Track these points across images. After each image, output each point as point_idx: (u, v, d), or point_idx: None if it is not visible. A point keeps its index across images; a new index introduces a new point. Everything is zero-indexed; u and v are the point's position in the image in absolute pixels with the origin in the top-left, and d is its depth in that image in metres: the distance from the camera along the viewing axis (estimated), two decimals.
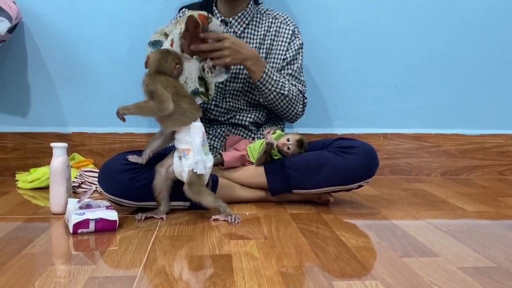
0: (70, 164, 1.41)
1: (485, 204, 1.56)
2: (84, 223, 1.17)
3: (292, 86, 1.58)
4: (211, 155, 1.31)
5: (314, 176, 1.42)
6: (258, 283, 0.89)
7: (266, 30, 1.64)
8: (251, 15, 1.63)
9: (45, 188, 1.64)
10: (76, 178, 1.66)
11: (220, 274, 0.93)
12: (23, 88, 1.88)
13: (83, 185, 1.66)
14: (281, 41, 1.64)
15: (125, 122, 1.28)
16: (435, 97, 2.03)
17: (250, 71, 1.50)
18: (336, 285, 0.88)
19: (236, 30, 1.62)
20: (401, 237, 1.18)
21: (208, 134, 1.62)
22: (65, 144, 1.37)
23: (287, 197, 1.51)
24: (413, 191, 1.74)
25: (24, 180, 1.71)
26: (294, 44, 1.64)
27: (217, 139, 1.63)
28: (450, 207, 1.51)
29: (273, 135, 1.48)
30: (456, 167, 2.06)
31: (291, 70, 1.62)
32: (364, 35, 1.96)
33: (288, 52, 1.63)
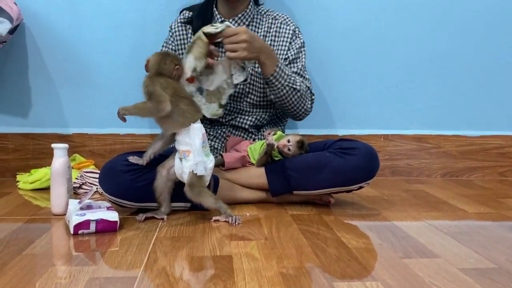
0: (71, 165, 1.41)
1: (486, 205, 1.55)
2: (85, 224, 1.17)
3: (304, 83, 1.57)
4: (212, 156, 1.31)
5: (315, 177, 1.42)
6: (259, 284, 0.89)
7: (266, 31, 1.64)
8: (251, 16, 1.64)
9: (46, 189, 1.64)
10: (77, 179, 1.66)
11: (221, 275, 0.93)
12: (24, 89, 1.89)
13: (84, 186, 1.66)
14: (282, 41, 1.63)
15: (126, 123, 1.28)
16: (436, 98, 2.03)
17: (264, 65, 1.46)
18: (337, 286, 0.88)
19: None
20: (402, 238, 1.18)
21: (209, 135, 1.62)
22: (66, 145, 1.37)
23: (288, 198, 1.51)
24: (414, 192, 1.74)
25: (25, 181, 1.71)
26: (296, 43, 1.64)
27: (218, 140, 1.63)
28: (451, 208, 1.51)
29: (274, 136, 1.48)
30: (457, 168, 2.06)
31: (296, 68, 1.61)
32: (365, 36, 1.96)
33: (290, 52, 1.63)
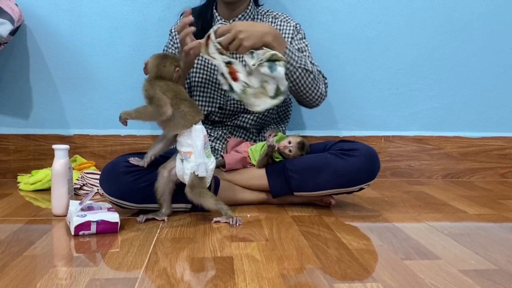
0: (72, 166, 1.41)
1: (487, 207, 1.55)
2: (86, 225, 1.17)
3: (312, 64, 1.53)
4: (213, 158, 1.32)
5: (316, 179, 1.42)
6: (259, 285, 0.89)
7: None
8: (251, 17, 1.63)
9: (47, 190, 1.64)
10: (78, 180, 1.67)
11: (221, 276, 0.93)
12: (25, 90, 1.89)
13: (85, 187, 1.66)
14: (287, 38, 1.61)
15: (129, 128, 1.28)
16: (437, 100, 2.03)
17: (272, 48, 1.38)
18: None
19: None
20: (403, 240, 1.18)
21: (210, 136, 1.62)
22: (67, 146, 1.37)
23: (289, 199, 1.51)
24: (415, 194, 1.74)
25: (26, 182, 1.71)
26: (298, 37, 1.62)
27: (219, 141, 1.63)
28: (452, 210, 1.51)
29: (275, 138, 1.48)
30: (458, 170, 2.05)
31: (304, 55, 1.57)
32: (366, 38, 1.97)
33: (293, 42, 1.60)
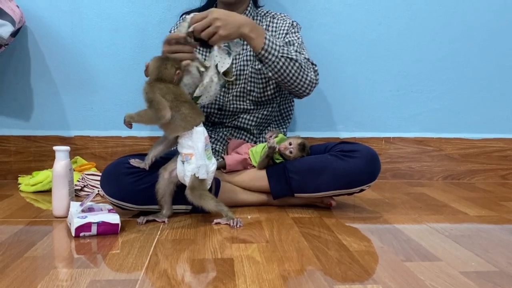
0: (73, 168, 1.41)
1: (487, 208, 1.55)
2: (86, 227, 1.17)
3: (297, 52, 1.48)
4: (214, 159, 1.32)
5: (316, 180, 1.42)
6: (260, 287, 0.89)
7: (265, 29, 1.63)
8: (251, 18, 1.63)
9: (48, 191, 1.65)
10: (79, 182, 1.67)
11: (222, 278, 0.93)
12: (26, 91, 1.89)
13: (86, 189, 1.66)
14: (279, 34, 1.61)
15: (130, 130, 1.28)
16: (437, 101, 2.03)
17: (250, 40, 1.36)
18: None
19: None
20: (403, 241, 1.18)
21: (210, 138, 1.62)
22: (68, 148, 1.37)
23: (289, 201, 1.51)
24: (415, 195, 1.73)
25: (27, 183, 1.71)
26: (291, 31, 1.61)
27: (219, 143, 1.63)
28: (452, 211, 1.51)
29: (275, 139, 1.49)
30: (458, 171, 2.05)
31: (293, 47, 1.56)
32: (367, 40, 1.97)
33: (286, 38, 1.59)
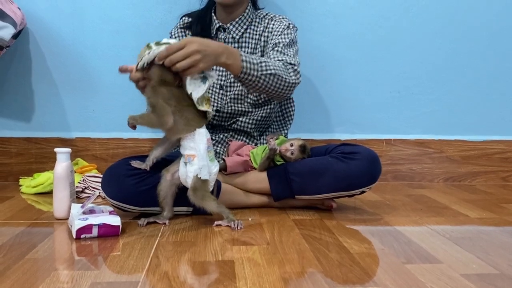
0: (74, 169, 1.42)
1: (488, 211, 1.55)
2: (87, 228, 1.17)
3: (275, 62, 1.42)
4: (216, 162, 1.32)
5: (317, 182, 1.43)
6: None
7: (262, 31, 1.63)
8: (249, 20, 1.64)
9: (49, 193, 1.65)
10: (80, 183, 1.67)
11: (223, 280, 0.93)
12: (27, 93, 1.89)
13: (87, 190, 1.67)
14: (274, 35, 1.60)
15: (131, 131, 1.28)
16: (438, 103, 2.03)
17: (228, 66, 1.29)
18: None
19: (234, 36, 1.62)
20: (404, 243, 1.18)
21: (211, 140, 1.62)
22: (69, 150, 1.37)
23: (290, 203, 1.51)
24: (416, 197, 1.73)
25: (28, 185, 1.71)
26: (284, 32, 1.59)
27: (220, 145, 1.63)
28: (453, 213, 1.51)
29: (276, 141, 1.49)
30: (459, 173, 2.05)
31: (278, 47, 1.54)
32: (367, 42, 1.97)
33: (277, 38, 1.57)
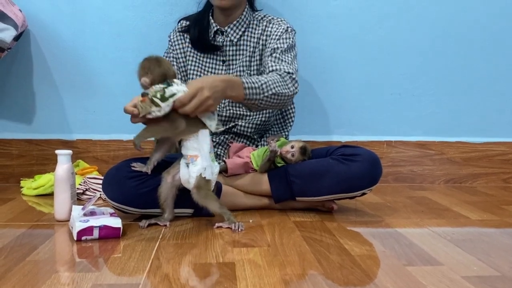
0: (75, 171, 1.42)
1: (489, 212, 1.55)
2: (88, 230, 1.17)
3: (274, 76, 1.44)
4: (217, 163, 1.32)
5: (318, 184, 1.42)
6: None
7: (260, 34, 1.62)
8: (247, 22, 1.63)
9: (50, 195, 1.65)
10: (81, 185, 1.67)
11: (224, 282, 0.93)
12: (28, 95, 1.90)
13: (88, 192, 1.67)
14: (272, 39, 1.60)
15: (130, 129, 1.28)
16: (439, 105, 2.03)
17: (233, 97, 1.35)
18: None
19: (232, 39, 1.62)
20: (405, 246, 1.18)
21: (212, 142, 1.62)
22: (70, 151, 1.37)
23: (291, 205, 1.51)
24: (417, 199, 1.73)
25: (29, 187, 1.71)
26: (283, 37, 1.59)
27: (221, 147, 1.63)
28: (454, 215, 1.50)
29: (277, 143, 1.49)
30: (460, 175, 2.05)
31: (276, 53, 1.55)
32: (368, 43, 1.97)
33: (276, 43, 1.58)
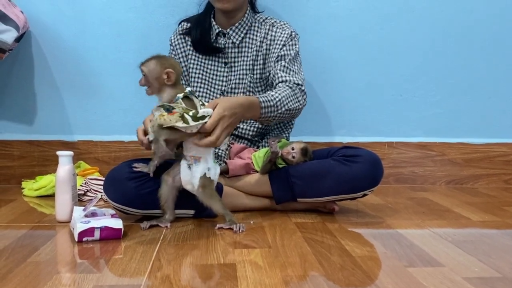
0: (76, 172, 1.42)
1: (490, 213, 1.55)
2: (89, 232, 1.18)
3: (285, 90, 1.46)
4: (217, 164, 1.32)
5: (319, 185, 1.42)
6: None
7: (263, 37, 1.62)
8: (249, 24, 1.63)
9: (51, 196, 1.65)
10: (82, 186, 1.67)
11: (225, 283, 0.93)
12: (30, 96, 1.90)
13: (89, 193, 1.67)
14: (276, 44, 1.60)
15: (130, 130, 1.28)
16: (440, 106, 2.02)
17: (248, 118, 1.43)
18: None
19: (235, 41, 1.62)
20: (406, 247, 1.18)
21: None
22: (71, 153, 1.37)
23: (292, 206, 1.51)
24: (418, 200, 1.73)
25: (30, 188, 1.72)
26: (289, 44, 1.59)
27: (222, 148, 1.63)
28: (455, 216, 1.50)
29: (278, 144, 1.49)
30: (461, 176, 2.05)
31: (284, 62, 1.56)
32: (369, 44, 1.97)
33: (282, 49, 1.58)
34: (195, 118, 1.19)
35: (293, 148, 1.47)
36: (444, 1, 1.97)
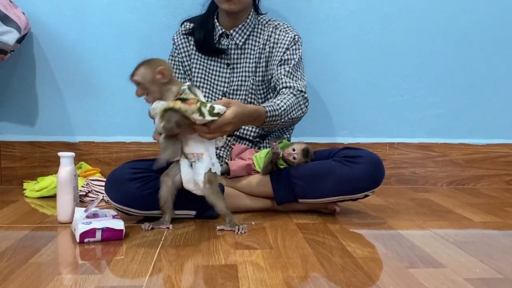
0: (77, 173, 1.42)
1: (492, 214, 1.55)
2: (91, 232, 1.18)
3: (290, 98, 1.47)
4: (218, 164, 1.32)
5: (320, 186, 1.42)
6: None
7: (266, 40, 1.62)
8: (252, 26, 1.63)
9: (53, 197, 1.65)
10: (83, 187, 1.67)
11: (226, 284, 0.93)
12: (31, 97, 1.90)
13: (90, 194, 1.67)
14: (279, 47, 1.60)
15: (131, 131, 1.28)
16: (441, 107, 2.02)
17: (250, 124, 1.53)
18: None
19: (238, 42, 1.62)
20: (407, 248, 1.18)
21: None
22: (72, 154, 1.38)
23: (293, 207, 1.51)
24: (420, 201, 1.73)
25: (32, 189, 1.72)
26: (292, 48, 1.60)
27: (223, 149, 1.63)
28: (457, 217, 1.50)
29: (279, 144, 1.49)
30: (463, 177, 2.05)
31: (288, 67, 1.56)
32: (370, 45, 1.97)
33: (285, 53, 1.59)
34: (212, 114, 1.20)
35: (294, 149, 1.47)
36: (444, 1, 1.97)
